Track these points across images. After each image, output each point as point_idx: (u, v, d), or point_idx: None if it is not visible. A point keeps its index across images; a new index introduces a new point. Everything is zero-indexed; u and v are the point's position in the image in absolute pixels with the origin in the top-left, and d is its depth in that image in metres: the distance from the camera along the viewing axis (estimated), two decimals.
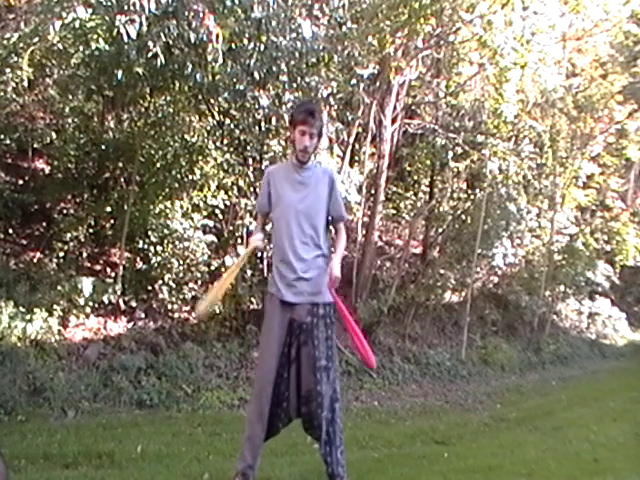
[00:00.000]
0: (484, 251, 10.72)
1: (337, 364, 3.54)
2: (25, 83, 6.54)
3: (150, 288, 7.48)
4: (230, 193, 8.21)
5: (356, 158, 9.88)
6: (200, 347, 7.08)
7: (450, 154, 10.27)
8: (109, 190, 7.98)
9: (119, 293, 7.07)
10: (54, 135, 8.08)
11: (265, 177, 3.50)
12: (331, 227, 3.56)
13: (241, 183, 7.97)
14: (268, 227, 4.37)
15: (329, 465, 3.30)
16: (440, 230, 11.04)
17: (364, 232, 9.50)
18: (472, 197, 10.86)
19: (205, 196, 8.12)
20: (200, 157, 8.01)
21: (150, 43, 5.34)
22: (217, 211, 8.24)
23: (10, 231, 7.44)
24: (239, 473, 3.25)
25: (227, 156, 7.81)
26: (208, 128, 7.98)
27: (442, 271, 10.45)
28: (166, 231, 7.57)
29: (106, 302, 6.89)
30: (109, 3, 5.22)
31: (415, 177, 12.00)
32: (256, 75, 6.46)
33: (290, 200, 3.33)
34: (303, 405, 3.29)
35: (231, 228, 8.41)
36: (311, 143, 3.32)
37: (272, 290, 3.39)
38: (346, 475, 3.33)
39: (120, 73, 6.05)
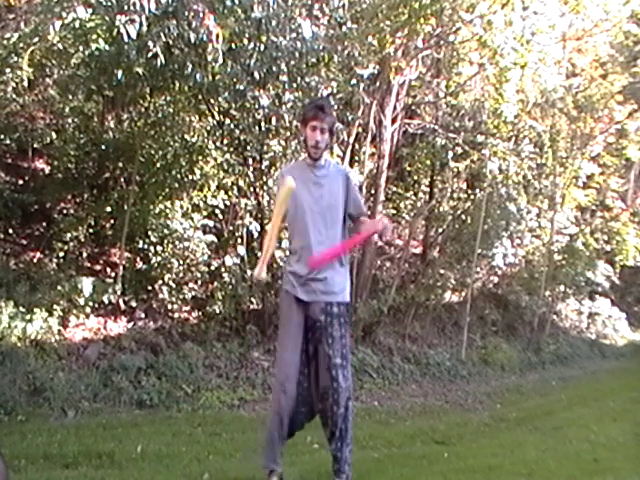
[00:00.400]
0: (484, 251, 10.71)
1: (350, 363, 3.54)
2: (25, 83, 6.52)
3: (150, 288, 7.49)
4: (230, 193, 8.21)
5: (356, 158, 9.86)
6: (200, 347, 7.08)
7: (450, 154, 10.25)
8: (109, 190, 7.98)
9: (119, 293, 7.07)
10: (54, 135, 8.09)
11: (280, 179, 3.48)
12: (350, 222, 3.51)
13: (241, 183, 7.97)
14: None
15: (337, 461, 3.32)
16: (440, 230, 11.03)
17: None
18: (472, 197, 10.85)
19: (205, 196, 8.11)
20: (200, 157, 8.00)
21: (150, 43, 5.34)
22: (217, 211, 8.25)
23: (10, 231, 7.44)
24: (268, 471, 3.29)
25: (227, 156, 7.81)
26: (208, 128, 7.97)
27: (442, 271, 10.45)
28: (166, 231, 7.57)
29: (106, 302, 6.89)
30: (109, 3, 5.22)
31: (415, 177, 11.97)
32: (256, 75, 6.46)
33: (305, 201, 3.31)
34: (319, 401, 3.32)
35: (231, 228, 8.41)
36: (322, 138, 3.28)
37: (287, 287, 3.39)
38: (350, 473, 3.35)
39: (120, 73, 6.05)
